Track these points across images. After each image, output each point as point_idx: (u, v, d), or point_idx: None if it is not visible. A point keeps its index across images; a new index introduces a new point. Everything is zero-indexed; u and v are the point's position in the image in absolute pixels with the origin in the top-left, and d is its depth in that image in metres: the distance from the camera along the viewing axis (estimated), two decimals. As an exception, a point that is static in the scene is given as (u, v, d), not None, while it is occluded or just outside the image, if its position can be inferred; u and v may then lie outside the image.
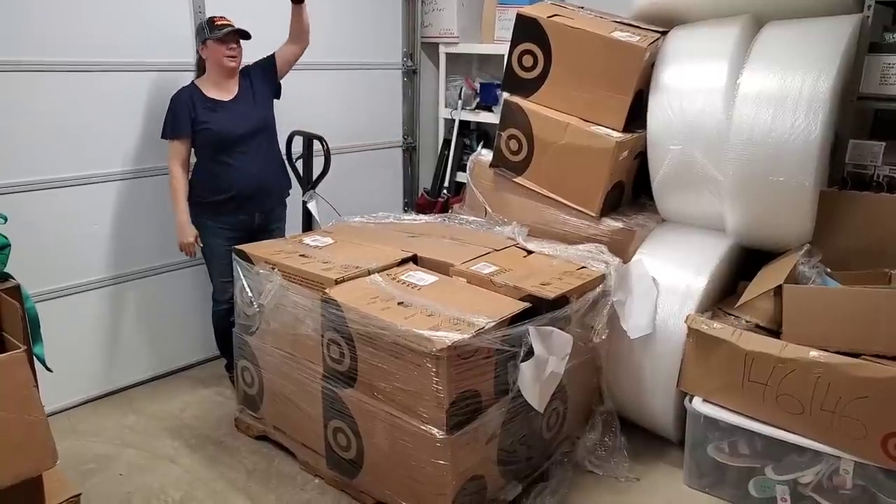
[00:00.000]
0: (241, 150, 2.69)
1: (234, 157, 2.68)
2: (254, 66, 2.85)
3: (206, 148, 2.69)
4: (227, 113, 2.68)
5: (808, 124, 2.18)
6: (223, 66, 2.66)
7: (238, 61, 2.69)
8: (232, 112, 2.69)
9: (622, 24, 2.66)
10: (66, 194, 2.66)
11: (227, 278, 2.68)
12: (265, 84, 2.84)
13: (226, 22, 2.63)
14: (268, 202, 2.83)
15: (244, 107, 2.73)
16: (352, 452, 2.21)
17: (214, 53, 2.64)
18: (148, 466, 2.47)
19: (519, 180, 2.82)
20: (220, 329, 2.89)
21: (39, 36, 2.49)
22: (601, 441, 2.46)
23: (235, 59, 2.67)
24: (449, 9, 3.79)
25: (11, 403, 1.30)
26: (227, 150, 2.67)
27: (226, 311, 2.79)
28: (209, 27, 2.62)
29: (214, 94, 2.69)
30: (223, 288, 2.78)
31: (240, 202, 2.72)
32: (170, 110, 2.65)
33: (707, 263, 2.45)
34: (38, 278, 2.60)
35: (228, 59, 2.64)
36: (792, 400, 2.05)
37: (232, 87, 2.74)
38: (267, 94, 2.84)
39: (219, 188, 2.69)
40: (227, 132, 2.66)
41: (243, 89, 2.76)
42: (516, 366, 2.04)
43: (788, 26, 2.39)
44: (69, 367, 2.73)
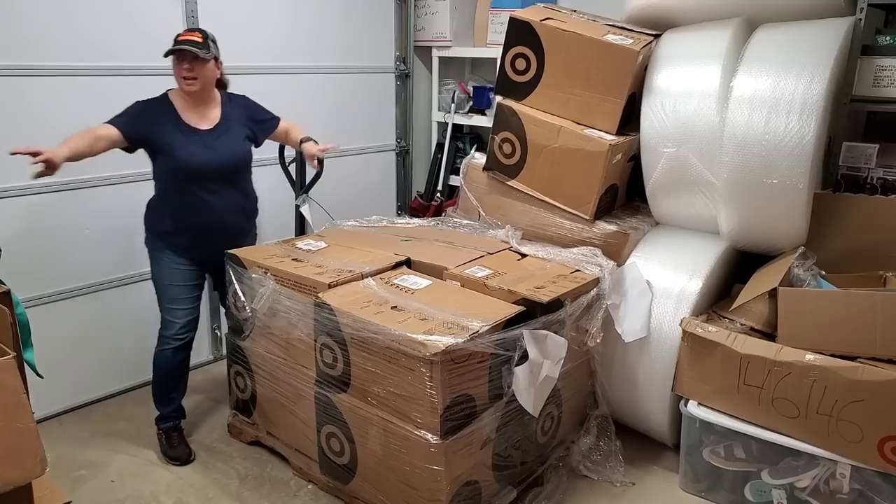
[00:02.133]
0: (209, 186, 2.39)
1: (199, 191, 2.38)
2: (255, 107, 2.61)
3: (169, 175, 2.39)
4: (200, 145, 2.36)
5: (801, 127, 2.18)
6: (183, 90, 2.34)
7: (199, 84, 2.32)
8: (206, 145, 2.37)
9: (615, 28, 2.66)
10: (56, 199, 2.63)
11: (178, 306, 2.44)
12: (253, 129, 2.55)
13: (185, 37, 2.30)
14: (230, 242, 2.51)
15: (222, 142, 2.40)
16: (345, 458, 2.19)
17: (174, 71, 2.32)
18: (139, 473, 2.44)
19: (512, 184, 2.82)
20: (164, 372, 2.50)
21: (30, 40, 2.48)
22: (596, 445, 2.45)
23: (191, 83, 2.30)
24: (442, 12, 3.80)
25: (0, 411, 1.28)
26: (192, 182, 2.37)
27: (173, 350, 2.45)
28: (173, 41, 2.31)
29: (192, 119, 2.37)
30: (173, 317, 2.45)
31: (198, 239, 2.43)
32: (135, 108, 2.34)
33: (701, 266, 2.45)
34: (29, 283, 2.57)
35: (184, 81, 2.30)
36: (788, 404, 2.04)
37: (211, 114, 2.43)
38: (248, 136, 2.53)
39: (177, 220, 2.41)
40: (197, 165, 2.34)
41: (226, 121, 2.44)
42: (511, 370, 2.02)
43: (781, 29, 2.39)
44: (60, 373, 2.71)
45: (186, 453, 2.52)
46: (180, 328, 2.46)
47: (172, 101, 2.38)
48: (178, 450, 2.52)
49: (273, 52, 3.25)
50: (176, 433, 2.56)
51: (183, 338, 2.48)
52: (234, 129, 2.46)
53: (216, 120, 2.43)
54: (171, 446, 2.53)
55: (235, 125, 2.48)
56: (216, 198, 2.42)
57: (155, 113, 2.34)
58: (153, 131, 2.32)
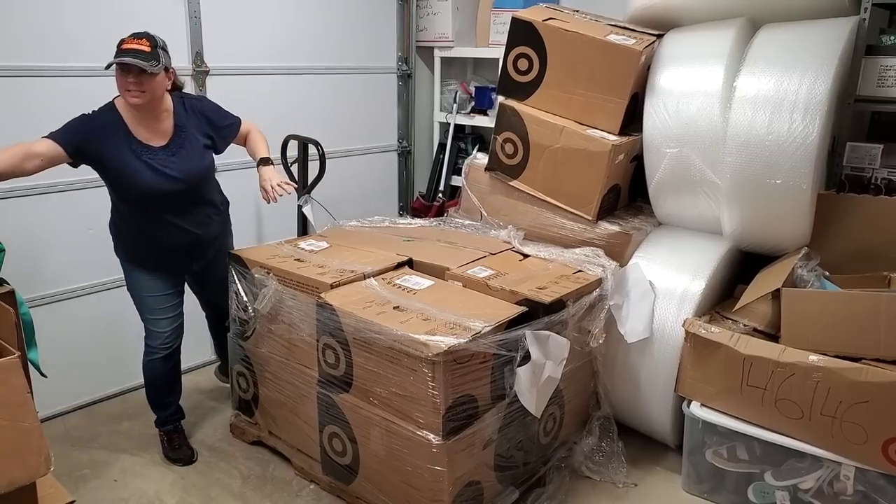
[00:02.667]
0: (172, 208, 2.25)
1: (162, 214, 2.24)
2: (213, 110, 2.37)
3: (127, 198, 2.23)
4: (155, 164, 2.17)
5: (805, 127, 2.17)
6: (127, 101, 2.10)
7: (146, 97, 2.08)
8: (163, 164, 2.18)
9: (617, 28, 2.66)
10: (60, 199, 2.64)
11: (160, 316, 2.36)
12: (212, 136, 2.35)
13: (131, 46, 2.04)
14: (198, 256, 2.42)
15: (180, 159, 2.21)
16: (347, 458, 2.19)
17: (118, 83, 2.08)
18: (142, 472, 2.45)
19: (514, 184, 2.81)
20: (156, 380, 2.45)
21: (30, 41, 2.47)
22: (598, 446, 2.45)
23: (138, 95, 2.07)
24: (444, 13, 3.79)
25: (5, 410, 1.29)
26: (153, 207, 2.22)
27: (161, 358, 2.39)
28: (116, 49, 2.06)
29: (143, 135, 2.17)
30: (157, 327, 2.37)
31: (170, 258, 2.34)
32: (82, 123, 2.13)
33: (704, 267, 2.44)
34: (33, 283, 2.58)
35: (129, 94, 2.07)
36: (791, 405, 2.03)
37: (163, 127, 2.21)
38: (207, 145, 2.33)
39: (140, 237, 2.29)
40: (156, 190, 2.17)
41: (180, 134, 2.24)
42: (513, 370, 2.02)
43: (785, 29, 2.39)
44: (64, 372, 2.71)
45: (188, 454, 2.51)
46: (166, 337, 2.39)
47: (121, 113, 2.16)
48: (180, 451, 2.52)
49: (275, 52, 3.25)
50: (177, 434, 2.55)
51: (169, 346, 2.41)
52: (190, 141, 2.26)
53: (169, 133, 2.22)
54: (173, 448, 2.52)
55: (192, 136, 2.27)
56: (179, 217, 2.28)
57: (104, 129, 2.13)
58: (102, 152, 2.11)
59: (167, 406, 2.53)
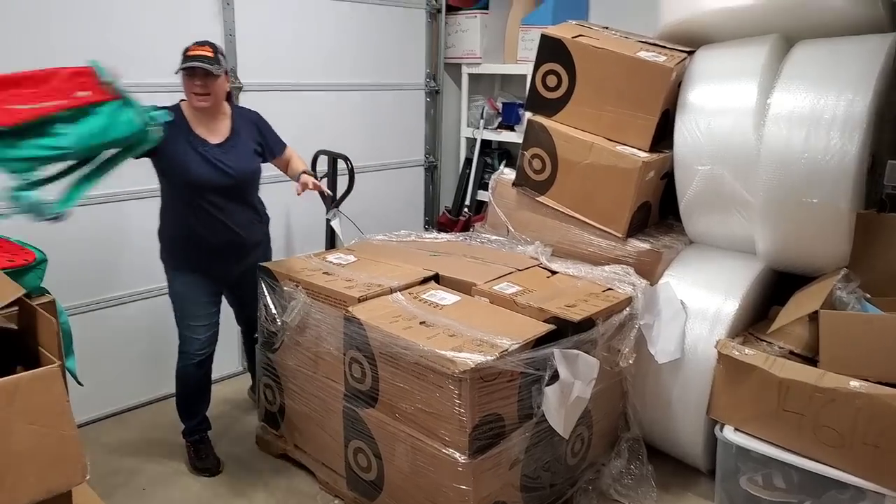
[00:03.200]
0: (217, 202, 2.34)
1: (208, 207, 2.33)
2: (266, 126, 2.53)
3: (176, 189, 2.35)
4: (208, 157, 2.30)
5: (843, 144, 2.12)
6: (194, 107, 2.29)
7: (212, 100, 2.27)
8: (216, 159, 2.31)
9: (648, 44, 2.64)
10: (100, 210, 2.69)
11: (197, 323, 2.42)
12: (262, 145, 2.49)
13: (196, 52, 2.23)
14: (237, 261, 2.48)
15: (232, 157, 2.34)
16: (372, 474, 2.17)
17: (185, 86, 2.26)
18: (170, 481, 2.46)
19: (542, 199, 2.79)
20: (187, 387, 2.50)
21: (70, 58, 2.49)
22: (627, 469, 2.39)
23: (203, 98, 2.25)
24: (472, 30, 3.82)
25: (45, 418, 1.31)
26: (200, 198, 2.32)
27: (195, 365, 2.45)
28: (182, 57, 2.23)
29: (201, 131, 2.32)
30: (193, 334, 2.43)
31: (210, 254, 2.40)
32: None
33: (738, 287, 2.39)
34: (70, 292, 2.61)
35: (196, 97, 2.25)
36: (831, 432, 1.96)
37: (221, 128, 2.37)
38: (257, 151, 2.47)
39: (187, 234, 2.37)
40: (205, 181, 2.29)
41: (235, 136, 2.38)
42: (541, 390, 1.99)
43: (821, 46, 2.35)
44: (96, 381, 2.73)
45: (215, 465, 2.53)
46: (201, 344, 2.44)
47: (184, 112, 2.33)
48: (207, 461, 2.53)
49: (307, 69, 3.29)
50: (203, 445, 2.57)
51: (203, 353, 2.46)
52: (244, 143, 2.41)
53: (226, 133, 2.37)
54: (200, 458, 2.53)
55: (245, 140, 2.42)
56: (224, 214, 2.36)
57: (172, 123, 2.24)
58: (165, 142, 2.18)
59: (195, 415, 2.56)
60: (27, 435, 1.28)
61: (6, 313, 1.54)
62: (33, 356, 1.50)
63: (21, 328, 1.55)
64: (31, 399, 1.29)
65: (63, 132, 1.75)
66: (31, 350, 1.51)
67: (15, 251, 1.85)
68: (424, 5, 3.77)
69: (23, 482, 1.28)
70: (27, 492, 1.29)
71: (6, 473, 1.26)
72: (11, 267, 1.73)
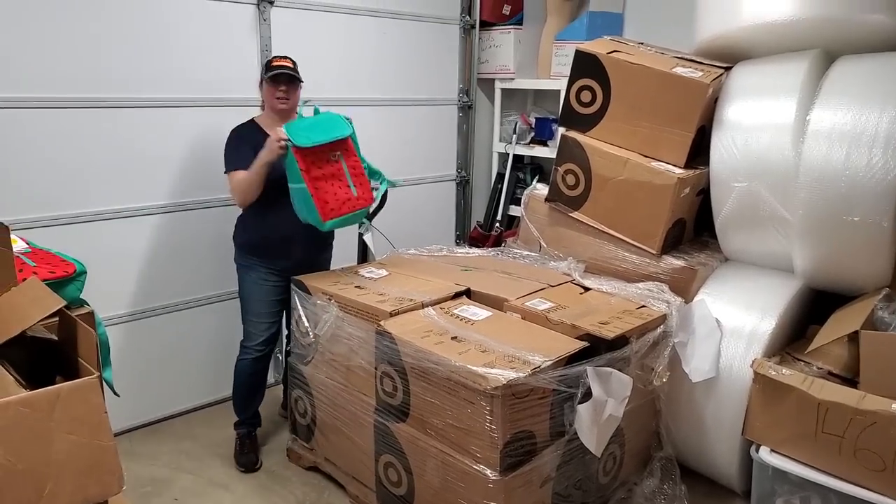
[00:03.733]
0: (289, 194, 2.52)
1: (283, 199, 2.50)
2: None
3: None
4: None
5: (886, 162, 2.08)
6: (275, 108, 2.57)
7: (290, 104, 2.57)
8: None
9: (683, 60, 2.63)
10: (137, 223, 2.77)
11: (261, 319, 2.61)
12: None
13: (280, 63, 2.56)
14: (312, 249, 2.69)
15: None
16: (402, 489, 2.17)
17: (268, 94, 2.57)
18: (202, 492, 2.49)
19: (575, 215, 2.79)
20: (243, 380, 2.66)
21: (118, 75, 2.62)
22: (660, 488, 2.36)
23: (285, 101, 2.55)
24: (506, 45, 3.84)
25: (84, 428, 1.32)
26: (278, 191, 2.49)
27: (253, 359, 2.62)
28: (265, 67, 2.58)
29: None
30: (255, 330, 2.62)
31: (285, 245, 2.58)
32: (231, 146, 2.57)
33: (775, 305, 2.35)
34: (107, 303, 2.69)
35: (278, 100, 2.54)
36: (872, 455, 1.91)
37: None
38: None
39: (265, 228, 2.56)
40: (281, 173, 2.49)
41: None
42: (573, 407, 1.98)
43: (863, 61, 2.31)
44: (132, 391, 2.80)
45: (252, 461, 2.64)
46: (261, 340, 2.61)
47: (259, 125, 2.59)
48: (246, 457, 2.65)
49: (341, 84, 3.34)
50: (249, 440, 2.70)
51: (262, 349, 2.62)
52: None
53: None
54: (242, 453, 2.67)
55: None
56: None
57: (247, 135, 2.56)
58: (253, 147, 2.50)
59: (247, 409, 2.70)
60: (66, 444, 1.30)
61: (47, 324, 1.58)
62: (72, 367, 1.52)
63: (61, 339, 1.58)
64: (71, 409, 1.31)
65: None
66: (70, 361, 1.53)
67: (56, 263, 1.90)
68: (458, 20, 3.80)
69: (61, 491, 1.29)
70: (65, 501, 1.30)
71: (45, 482, 1.27)
72: (52, 278, 1.77)
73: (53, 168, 2.53)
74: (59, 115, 2.51)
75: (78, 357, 1.51)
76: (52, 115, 2.49)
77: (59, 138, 2.52)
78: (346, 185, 2.46)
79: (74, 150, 2.56)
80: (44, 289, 1.62)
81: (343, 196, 2.45)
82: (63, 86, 2.50)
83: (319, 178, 2.40)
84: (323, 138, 2.39)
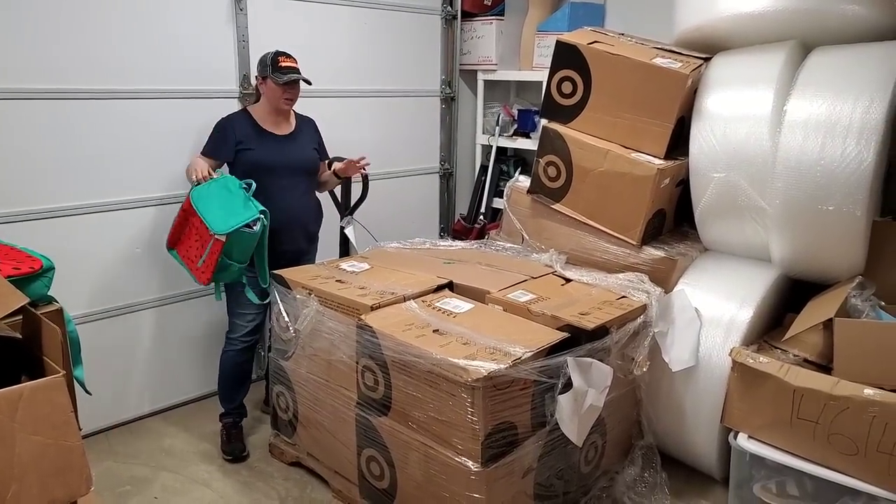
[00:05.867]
0: (281, 183, 2.61)
1: (271, 188, 2.55)
2: (320, 134, 2.87)
3: (247, 173, 2.55)
4: (278, 145, 2.64)
5: (859, 152, 2.11)
6: (278, 108, 2.63)
7: (292, 105, 2.66)
8: (283, 145, 2.66)
9: (663, 51, 2.64)
10: (108, 218, 2.72)
11: (246, 311, 2.63)
12: (319, 145, 2.85)
13: (290, 64, 2.57)
14: (298, 240, 2.73)
15: (298, 145, 2.71)
16: (385, 482, 2.18)
17: (272, 93, 2.59)
18: (182, 490, 2.48)
19: (557, 207, 2.79)
20: (228, 372, 2.69)
21: (81, 64, 2.56)
22: (641, 476, 2.38)
23: (292, 101, 2.63)
24: (488, 36, 3.83)
25: (49, 428, 1.30)
26: (266, 179, 2.53)
27: (238, 350, 2.66)
28: (272, 65, 2.55)
29: (270, 127, 2.65)
30: (240, 321, 2.65)
31: (275, 233, 2.55)
32: (217, 133, 2.61)
33: (752, 294, 2.37)
34: (80, 300, 2.66)
35: (285, 101, 2.60)
36: (845, 440, 1.95)
37: (286, 125, 2.71)
38: (315, 149, 2.81)
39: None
40: (271, 161, 2.60)
41: (299, 132, 2.74)
42: (554, 398, 1.99)
43: (838, 52, 2.33)
44: (108, 390, 2.78)
45: (240, 449, 2.65)
46: (246, 332, 2.65)
47: (253, 116, 2.65)
48: (234, 445, 2.66)
49: (321, 75, 3.28)
50: (235, 431, 2.71)
51: (247, 341, 2.66)
52: (305, 138, 2.76)
53: (292, 128, 2.72)
54: (228, 442, 2.68)
55: (306, 136, 2.77)
56: (290, 195, 2.64)
57: (237, 124, 2.62)
58: (239, 138, 2.58)
59: (232, 400, 2.72)
60: (30, 445, 1.27)
61: (11, 322, 1.53)
62: (38, 366, 1.49)
63: (25, 337, 1.54)
64: (35, 409, 1.28)
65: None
66: (36, 359, 1.50)
67: (21, 259, 1.85)
68: (440, 11, 3.78)
69: (26, 493, 1.27)
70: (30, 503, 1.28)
71: (9, 484, 1.25)
72: (17, 275, 1.73)
73: (20, 162, 2.47)
74: (24, 106, 2.45)
75: (43, 356, 1.48)
76: (17, 106, 2.43)
77: (25, 131, 2.46)
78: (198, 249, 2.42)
79: (43, 142, 2.51)
80: (6, 286, 1.58)
81: (194, 255, 2.45)
82: (29, 77, 2.45)
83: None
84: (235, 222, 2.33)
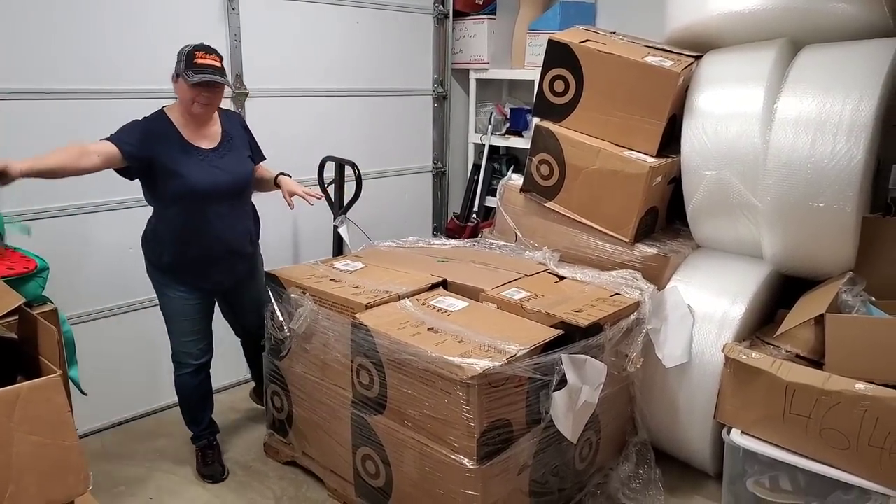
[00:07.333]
0: (216, 210, 2.28)
1: (205, 215, 2.26)
2: (250, 132, 2.50)
3: (174, 200, 2.24)
4: (207, 165, 2.25)
5: (849, 149, 2.13)
6: (190, 112, 2.21)
7: (210, 111, 2.25)
8: (213, 164, 2.26)
9: (655, 49, 2.65)
10: (102, 218, 2.71)
11: (189, 338, 2.41)
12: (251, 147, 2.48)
13: (207, 62, 2.15)
14: (236, 268, 2.45)
15: (228, 161, 2.31)
16: (381, 480, 2.18)
17: (182, 94, 2.18)
18: (177, 490, 2.47)
19: (550, 205, 2.80)
20: (187, 395, 2.50)
21: (71, 62, 2.54)
22: (635, 473, 2.39)
23: (207, 106, 2.21)
24: (480, 35, 3.83)
25: (46, 428, 1.30)
26: (199, 206, 2.24)
27: (190, 373, 2.45)
28: (186, 61, 2.14)
29: (192, 137, 2.25)
30: (185, 348, 2.42)
31: (204, 266, 2.34)
32: (135, 127, 2.20)
33: (745, 291, 2.39)
34: (74, 301, 2.64)
35: (199, 105, 2.18)
36: (837, 434, 1.96)
37: (212, 133, 2.31)
38: (249, 156, 2.44)
39: (180, 250, 2.30)
40: (204, 187, 2.23)
41: (228, 140, 2.34)
42: (549, 395, 2.00)
43: (827, 50, 2.35)
44: (102, 390, 2.76)
45: (219, 472, 2.53)
46: (194, 357, 2.45)
47: (171, 119, 2.24)
48: (212, 468, 2.54)
49: (314, 74, 3.31)
50: (211, 451, 2.58)
51: (198, 363, 2.46)
52: (237, 147, 2.37)
53: (218, 137, 2.33)
54: (206, 464, 2.55)
55: (238, 143, 2.38)
56: (223, 221, 2.31)
57: (156, 131, 2.20)
58: (158, 152, 2.18)
59: (199, 421, 2.57)
60: (27, 446, 1.27)
61: (6, 322, 1.54)
62: (34, 366, 1.49)
63: (21, 338, 1.54)
64: (32, 409, 1.28)
65: None
66: (32, 360, 1.50)
67: (15, 259, 1.85)
68: (432, 10, 3.79)
69: (23, 493, 1.27)
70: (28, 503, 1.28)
71: (6, 485, 1.25)
72: (11, 275, 1.73)
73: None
74: (20, 106, 2.43)
75: (39, 356, 1.48)
76: (12, 106, 2.42)
77: (19, 130, 2.45)
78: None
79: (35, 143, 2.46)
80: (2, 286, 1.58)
81: None
82: (22, 77, 2.43)
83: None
84: None
